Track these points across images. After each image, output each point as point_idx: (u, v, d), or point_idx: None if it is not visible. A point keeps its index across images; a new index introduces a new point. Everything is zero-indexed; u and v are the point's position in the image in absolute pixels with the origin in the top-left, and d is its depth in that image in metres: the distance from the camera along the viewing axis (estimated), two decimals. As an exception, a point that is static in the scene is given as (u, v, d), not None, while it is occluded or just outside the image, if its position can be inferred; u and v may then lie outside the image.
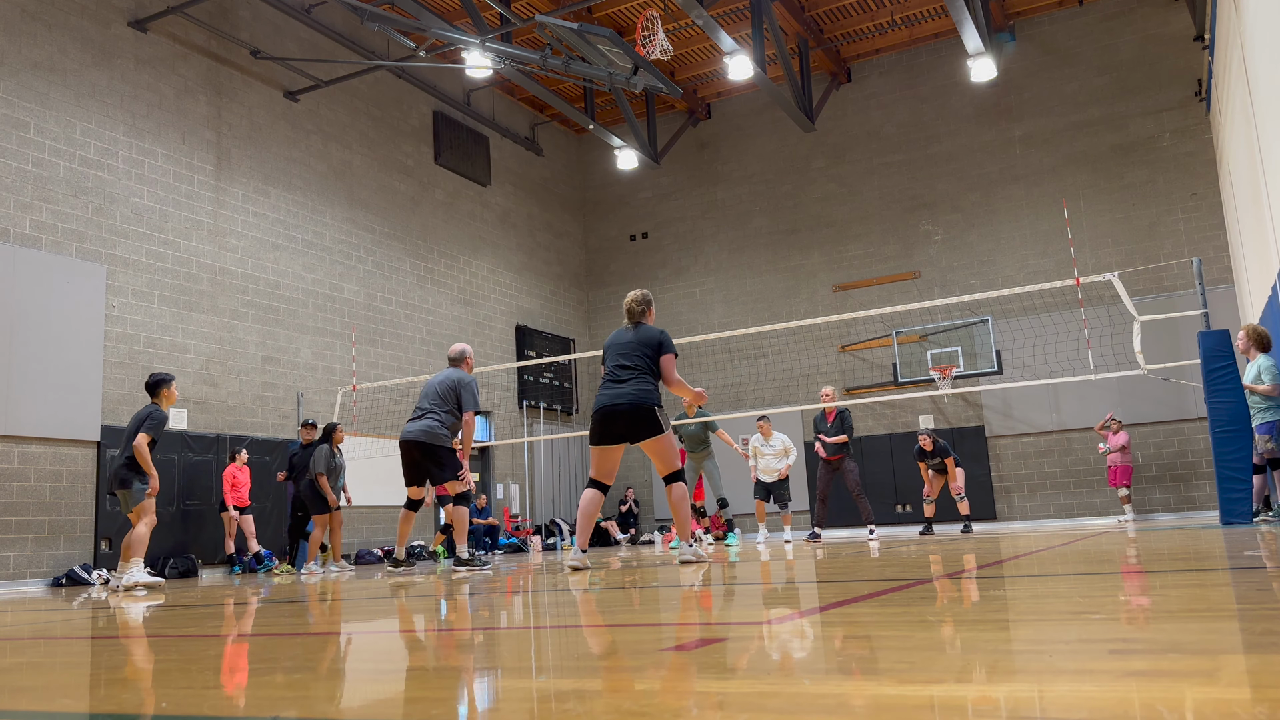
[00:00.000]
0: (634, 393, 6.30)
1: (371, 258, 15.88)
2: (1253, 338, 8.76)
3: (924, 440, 12.63)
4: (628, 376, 6.36)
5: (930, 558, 5.69)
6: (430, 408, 8.05)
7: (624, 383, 6.35)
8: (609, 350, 6.58)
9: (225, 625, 3.79)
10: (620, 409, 6.30)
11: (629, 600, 3.81)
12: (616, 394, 6.33)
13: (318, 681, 1.95)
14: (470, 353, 8.54)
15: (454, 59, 16.31)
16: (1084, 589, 3.19)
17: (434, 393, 8.11)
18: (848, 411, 11.92)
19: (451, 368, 8.39)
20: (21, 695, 2.00)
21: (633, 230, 20.99)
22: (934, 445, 12.61)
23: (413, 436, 8.00)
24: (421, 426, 7.98)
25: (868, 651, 1.90)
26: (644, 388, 6.34)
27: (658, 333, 6.52)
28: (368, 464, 13.56)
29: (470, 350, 8.59)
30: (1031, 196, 17.34)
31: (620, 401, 6.30)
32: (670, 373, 6.47)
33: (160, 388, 8.33)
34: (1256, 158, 9.39)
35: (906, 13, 17.57)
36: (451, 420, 8.06)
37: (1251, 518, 8.53)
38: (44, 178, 11.49)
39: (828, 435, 11.73)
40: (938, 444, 12.68)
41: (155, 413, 8.18)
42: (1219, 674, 1.42)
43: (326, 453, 11.05)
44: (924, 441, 12.63)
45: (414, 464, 8.04)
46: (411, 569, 8.72)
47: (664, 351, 6.44)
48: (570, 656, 2.21)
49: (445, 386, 8.11)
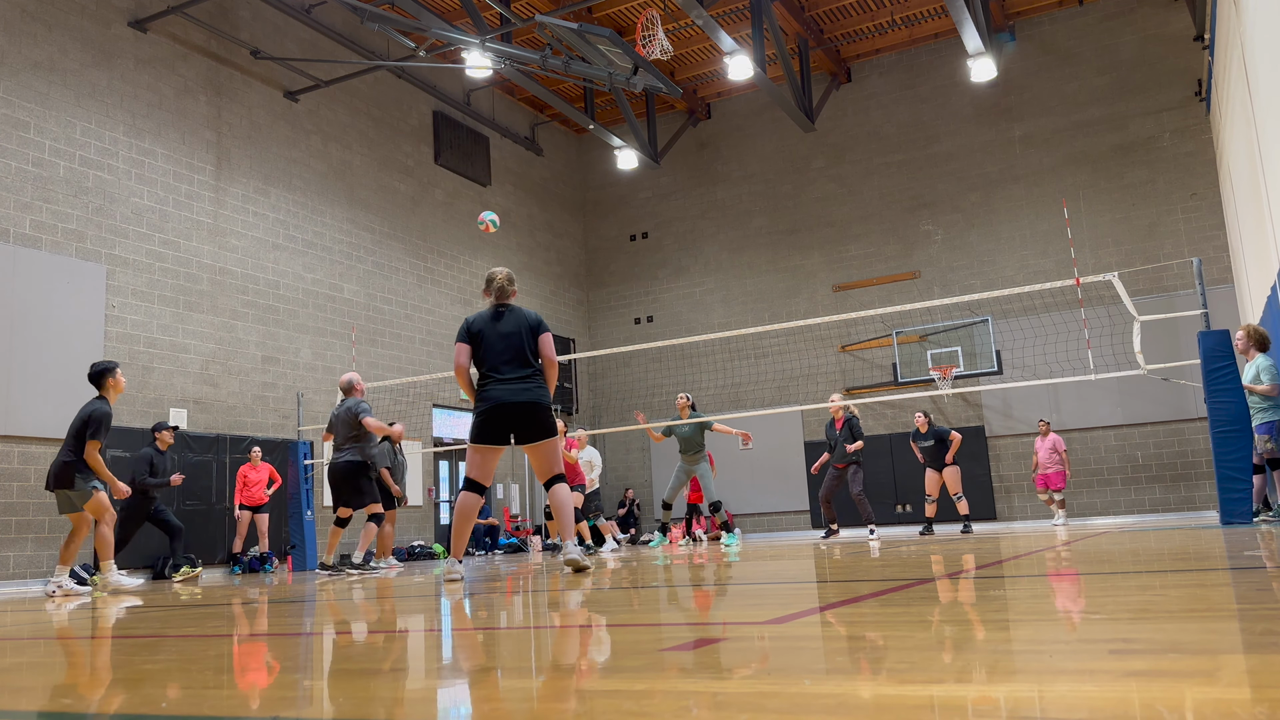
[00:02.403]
0: (534, 389, 5.84)
1: (371, 258, 15.88)
2: (1252, 338, 8.75)
3: (919, 420, 12.61)
4: (525, 372, 5.85)
5: (930, 558, 5.69)
6: (347, 437, 8.92)
7: (522, 379, 5.83)
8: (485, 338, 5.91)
9: (230, 626, 3.79)
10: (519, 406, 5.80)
11: (629, 600, 3.81)
12: (513, 390, 5.80)
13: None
14: (358, 380, 9.27)
15: (454, 59, 16.31)
16: (1084, 589, 3.20)
17: (344, 424, 8.94)
18: (857, 419, 11.97)
19: (348, 398, 9.16)
20: (22, 695, 2.00)
21: (633, 230, 20.99)
22: (929, 426, 12.55)
23: (337, 467, 8.96)
24: (346, 458, 8.92)
25: (868, 651, 1.90)
26: (541, 383, 5.90)
27: (533, 313, 6.05)
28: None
29: (358, 378, 9.30)
30: (1031, 196, 17.35)
31: (518, 399, 5.79)
32: (550, 352, 5.96)
33: (105, 378, 7.77)
34: (1256, 158, 9.39)
35: (906, 13, 17.57)
36: (362, 445, 8.92)
37: (1251, 518, 8.53)
38: (44, 178, 11.49)
39: (845, 443, 11.76)
40: (932, 425, 12.62)
41: (96, 412, 7.61)
42: (1219, 674, 1.42)
43: (388, 449, 11.09)
44: (919, 421, 12.60)
45: (336, 489, 8.99)
46: (338, 574, 8.87)
47: (542, 330, 5.97)
48: (570, 656, 2.21)
49: (350, 415, 8.91)
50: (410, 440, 15.80)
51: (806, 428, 18.34)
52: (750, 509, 18.65)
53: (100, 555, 7.85)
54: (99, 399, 7.77)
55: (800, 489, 18.41)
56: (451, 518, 5.83)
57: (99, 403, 7.73)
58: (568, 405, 19.77)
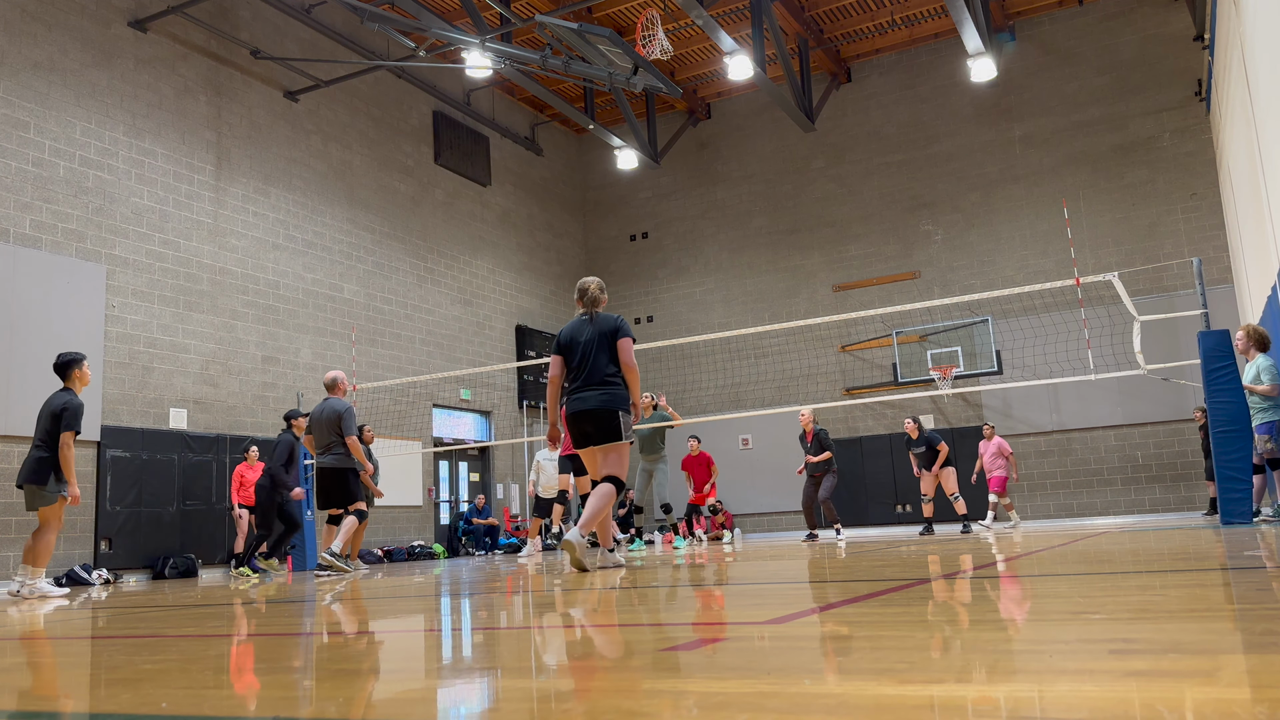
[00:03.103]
0: (602, 394, 6.12)
1: (371, 258, 15.88)
2: (1252, 338, 8.75)
3: (908, 426, 12.77)
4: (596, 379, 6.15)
5: (929, 558, 5.69)
6: (333, 440, 8.81)
7: (593, 387, 6.13)
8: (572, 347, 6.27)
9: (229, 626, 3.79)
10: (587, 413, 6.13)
11: (629, 600, 3.81)
12: (583, 398, 6.16)
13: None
14: (342, 379, 9.18)
15: (454, 59, 16.31)
16: (1084, 589, 3.20)
17: (326, 425, 8.81)
18: (825, 431, 12.42)
19: (330, 397, 9.03)
20: (21, 695, 2.00)
21: (633, 230, 20.99)
22: (919, 433, 12.67)
23: (326, 464, 8.85)
24: (334, 460, 8.84)
25: (868, 651, 1.90)
26: (612, 389, 6.15)
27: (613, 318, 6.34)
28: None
29: (343, 376, 9.20)
30: (1031, 196, 17.35)
31: (586, 407, 6.13)
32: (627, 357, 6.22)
33: (71, 369, 7.55)
34: (1256, 158, 9.39)
35: (906, 13, 17.57)
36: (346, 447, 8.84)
37: (1251, 518, 8.53)
38: (44, 178, 11.49)
39: (811, 455, 12.26)
40: (922, 432, 12.72)
41: (71, 403, 7.39)
42: (1219, 674, 1.42)
43: (364, 451, 11.08)
44: (909, 427, 12.76)
45: (326, 491, 8.90)
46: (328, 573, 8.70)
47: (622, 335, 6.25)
48: (571, 656, 2.21)
49: (334, 418, 8.79)
50: (410, 440, 15.81)
51: (806, 428, 18.33)
52: (750, 509, 18.64)
53: (39, 561, 7.41)
54: (65, 390, 7.55)
55: (800, 489, 18.40)
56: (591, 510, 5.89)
57: (68, 394, 7.50)
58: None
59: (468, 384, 17.47)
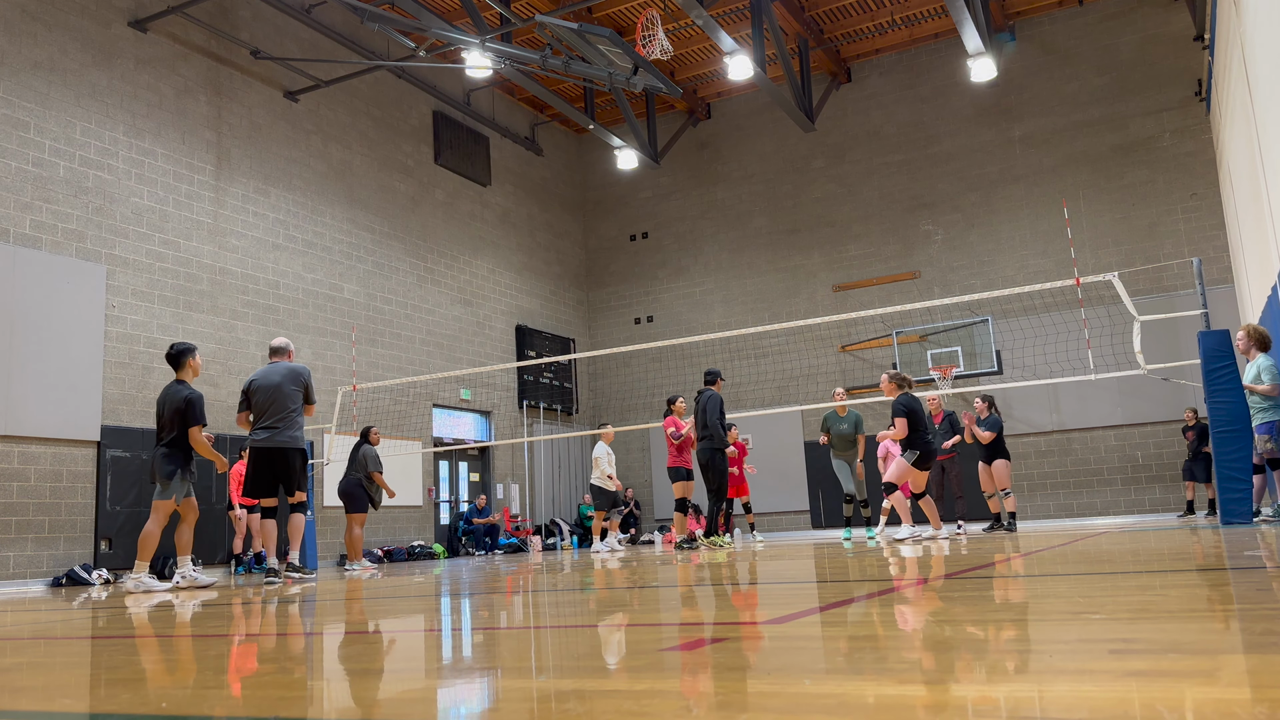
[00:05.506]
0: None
1: (371, 258, 15.88)
2: (1253, 338, 8.75)
3: (979, 405, 11.41)
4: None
5: (929, 558, 5.69)
6: (293, 409, 7.65)
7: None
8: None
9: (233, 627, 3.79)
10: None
11: (629, 600, 3.81)
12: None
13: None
14: (291, 345, 8.11)
15: (454, 59, 16.30)
16: (1084, 589, 3.19)
17: (284, 394, 7.63)
18: (955, 413, 11.85)
19: (285, 361, 7.89)
20: (21, 695, 2.00)
21: (633, 230, 20.98)
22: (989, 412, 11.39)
23: (282, 444, 7.63)
24: (290, 435, 7.65)
25: (868, 651, 1.89)
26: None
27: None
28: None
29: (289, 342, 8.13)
30: (1031, 196, 17.34)
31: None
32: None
33: (184, 359, 7.44)
34: (1256, 158, 9.38)
35: (906, 13, 17.57)
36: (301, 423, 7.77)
37: (1251, 518, 8.53)
38: (44, 178, 11.49)
39: (946, 437, 11.50)
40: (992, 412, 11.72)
41: (192, 396, 7.28)
42: (1219, 674, 1.42)
43: (374, 453, 11.09)
44: (979, 407, 11.40)
45: (274, 472, 7.66)
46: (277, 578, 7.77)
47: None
48: (572, 657, 2.21)
49: (299, 383, 7.72)
50: (410, 440, 15.80)
51: (806, 428, 18.32)
52: (766, 509, 18.60)
53: (182, 550, 7.43)
54: (180, 383, 7.43)
55: (800, 489, 18.42)
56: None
57: (184, 387, 7.38)
58: (568, 405, 19.77)
59: (468, 384, 17.47)
